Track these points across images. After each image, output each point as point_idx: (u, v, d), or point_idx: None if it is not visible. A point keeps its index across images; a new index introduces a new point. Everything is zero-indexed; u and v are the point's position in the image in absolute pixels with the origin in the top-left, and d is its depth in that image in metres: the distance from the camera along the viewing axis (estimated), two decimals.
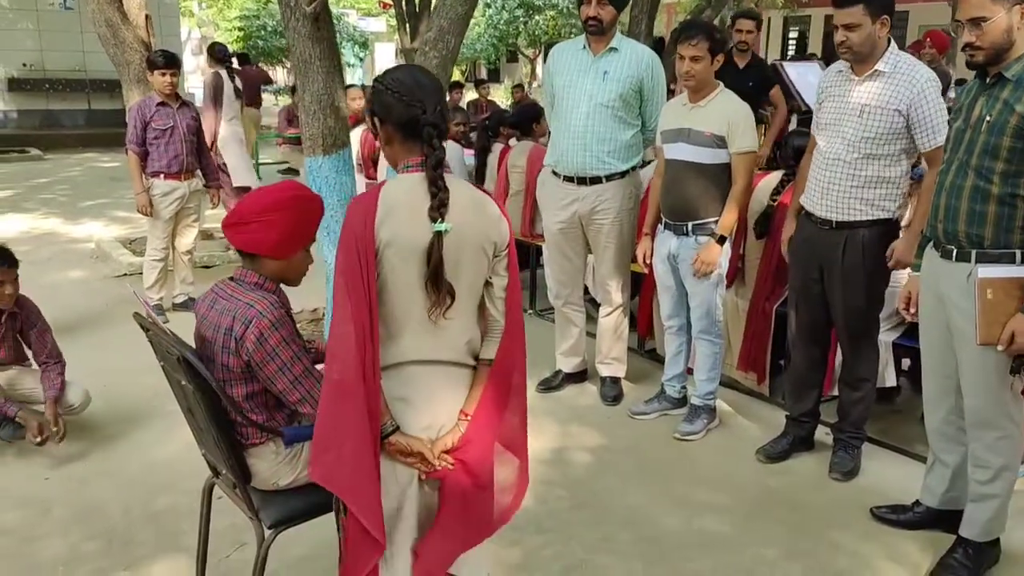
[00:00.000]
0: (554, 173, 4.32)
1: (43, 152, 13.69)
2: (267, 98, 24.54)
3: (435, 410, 2.08)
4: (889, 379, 3.91)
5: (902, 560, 3.06)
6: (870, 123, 3.22)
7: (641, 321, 4.95)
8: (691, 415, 4.07)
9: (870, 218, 3.33)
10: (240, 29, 25.90)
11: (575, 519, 3.29)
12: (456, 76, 17.47)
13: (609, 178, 4.14)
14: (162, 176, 5.41)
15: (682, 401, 4.24)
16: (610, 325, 4.43)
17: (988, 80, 2.73)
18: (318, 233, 2.46)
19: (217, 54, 8.18)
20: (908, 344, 3.95)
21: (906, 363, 4.29)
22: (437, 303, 1.99)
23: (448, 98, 4.33)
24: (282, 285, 2.43)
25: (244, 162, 7.87)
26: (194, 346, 2.38)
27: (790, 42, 25.33)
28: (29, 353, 3.94)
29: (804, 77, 8.98)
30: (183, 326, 5.36)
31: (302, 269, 2.42)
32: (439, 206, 1.94)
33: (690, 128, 3.80)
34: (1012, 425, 2.82)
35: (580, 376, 4.62)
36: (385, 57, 20.39)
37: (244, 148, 7.93)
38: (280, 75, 29.96)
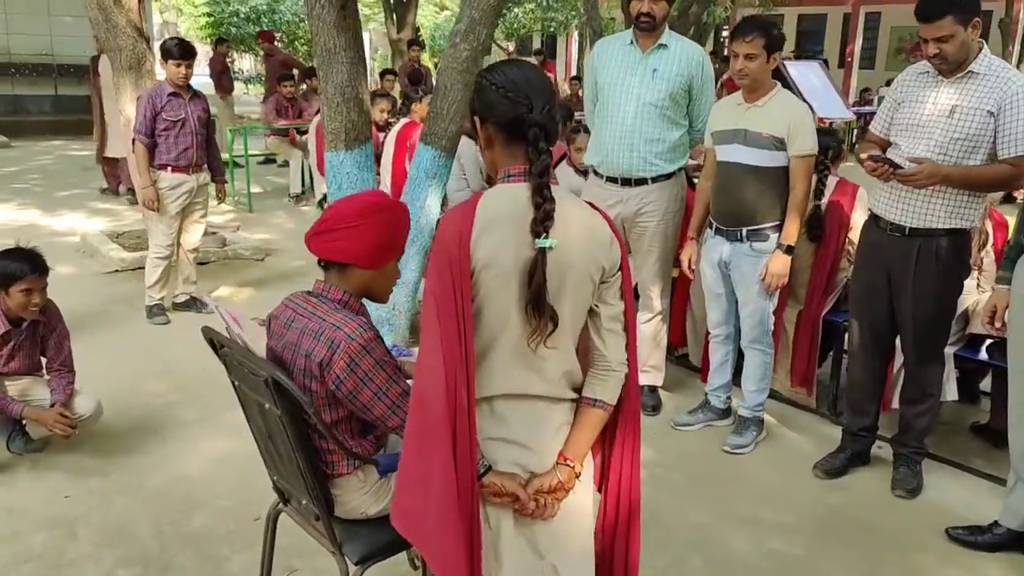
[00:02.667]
0: (596, 173, 4.14)
1: (9, 139, 13.16)
2: (237, 86, 24.10)
3: (532, 450, 1.85)
4: (951, 393, 3.80)
5: None
6: (961, 124, 3.08)
7: (674, 328, 4.79)
8: (740, 427, 3.93)
9: (948, 226, 3.20)
10: (208, 15, 25.21)
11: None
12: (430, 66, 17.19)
13: (655, 179, 3.98)
14: (169, 169, 5.15)
15: (726, 412, 4.11)
16: (649, 332, 4.27)
17: None
18: None
19: None
20: (967, 356, 3.85)
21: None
22: (539, 329, 1.76)
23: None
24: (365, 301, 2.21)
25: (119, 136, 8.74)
26: None
27: None
28: (43, 361, 3.67)
29: (806, 76, 8.94)
30: (185, 327, 5.15)
31: (391, 283, 2.22)
32: (544, 219, 1.71)
33: (746, 129, 3.65)
34: None
35: None
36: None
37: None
38: (248, 63, 29.30)
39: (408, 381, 2.48)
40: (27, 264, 3.40)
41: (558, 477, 1.84)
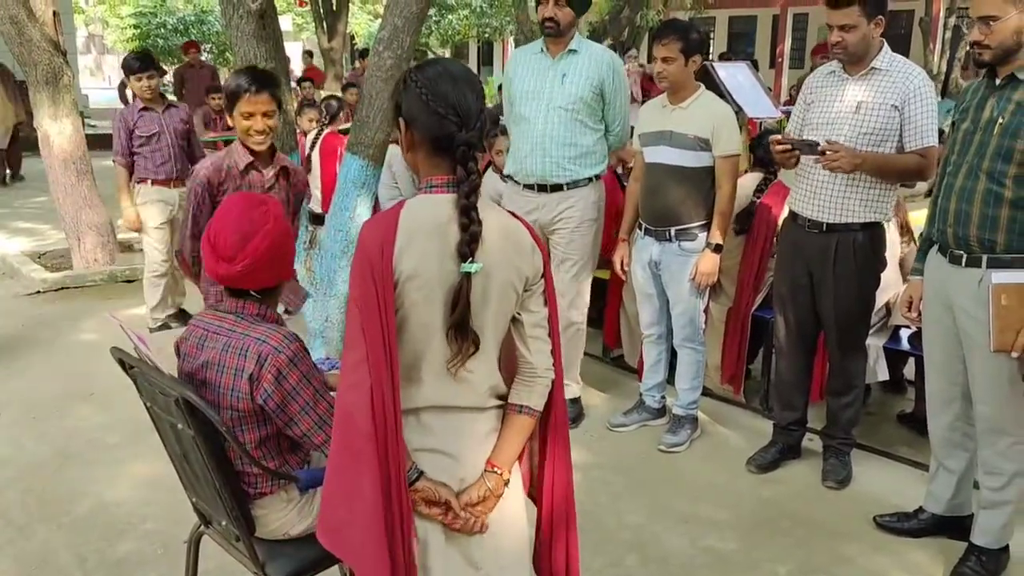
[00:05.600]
0: (514, 181, 4.12)
1: None
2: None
3: (460, 460, 1.83)
4: (881, 374, 3.90)
5: (915, 571, 3.00)
6: (867, 119, 3.17)
7: (608, 329, 4.81)
8: (674, 426, 3.95)
9: (863, 220, 3.27)
10: (135, 27, 24.67)
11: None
12: None
13: (571, 185, 3.93)
14: (149, 182, 5.13)
15: (661, 411, 4.13)
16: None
17: (999, 81, 2.69)
18: None
19: None
20: (890, 347, 3.94)
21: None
22: (460, 353, 1.73)
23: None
24: None
25: None
26: None
27: None
28: None
29: (734, 77, 9.06)
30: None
31: None
32: (470, 242, 1.67)
33: (672, 130, 3.68)
34: None
35: None
36: (292, 57, 19.80)
37: None
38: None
39: (333, 394, 2.46)
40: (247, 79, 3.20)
41: (487, 485, 1.82)
